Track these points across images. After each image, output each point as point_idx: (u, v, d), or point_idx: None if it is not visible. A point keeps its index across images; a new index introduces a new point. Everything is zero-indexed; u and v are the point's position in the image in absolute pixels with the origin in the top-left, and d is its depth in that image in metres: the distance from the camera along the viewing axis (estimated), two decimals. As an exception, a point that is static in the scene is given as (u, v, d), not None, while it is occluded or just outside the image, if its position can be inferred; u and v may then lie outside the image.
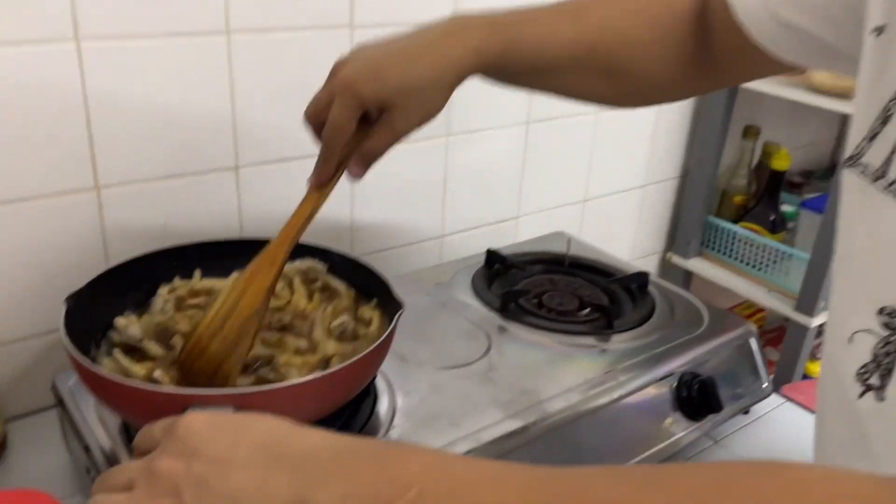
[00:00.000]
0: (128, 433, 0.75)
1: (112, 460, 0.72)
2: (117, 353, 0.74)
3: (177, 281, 0.84)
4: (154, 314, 0.80)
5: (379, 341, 0.69)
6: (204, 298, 0.83)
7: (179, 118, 0.91)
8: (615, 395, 0.87)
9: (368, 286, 0.86)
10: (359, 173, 0.70)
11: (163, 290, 0.82)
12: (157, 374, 0.70)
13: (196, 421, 0.44)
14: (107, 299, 0.79)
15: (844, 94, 1.34)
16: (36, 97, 0.81)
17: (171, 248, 0.85)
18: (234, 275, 0.87)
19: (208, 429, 0.44)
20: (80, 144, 0.85)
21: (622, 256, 1.40)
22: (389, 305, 0.79)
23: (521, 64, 0.70)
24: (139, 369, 0.72)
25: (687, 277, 1.69)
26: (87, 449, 0.74)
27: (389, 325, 0.74)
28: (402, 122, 0.66)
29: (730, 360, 1.00)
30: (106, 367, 0.73)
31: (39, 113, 0.81)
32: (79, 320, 0.73)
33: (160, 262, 0.84)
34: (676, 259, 1.67)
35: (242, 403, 0.61)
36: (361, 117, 0.66)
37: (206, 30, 0.89)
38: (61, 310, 0.72)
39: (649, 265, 1.68)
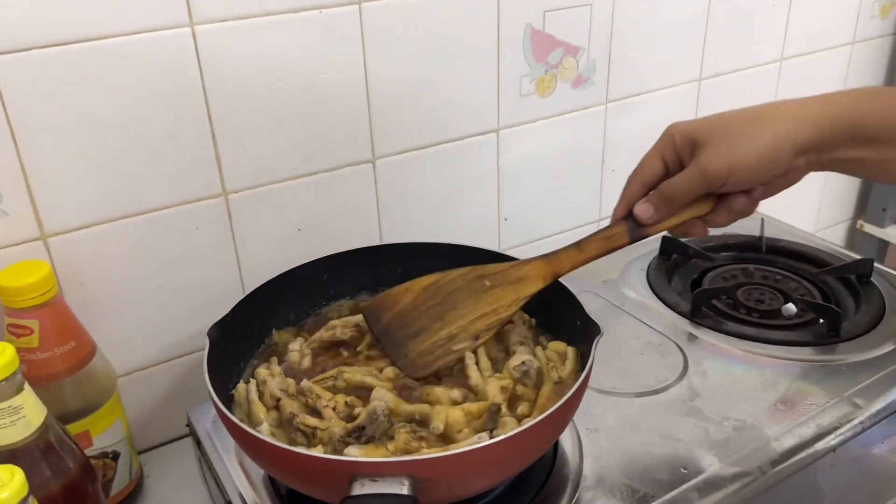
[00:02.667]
0: (273, 485, 0.64)
1: (257, 519, 0.62)
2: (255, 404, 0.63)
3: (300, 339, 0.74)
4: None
5: (577, 386, 0.54)
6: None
7: (307, 107, 0.78)
8: (855, 423, 0.69)
9: (543, 302, 0.71)
10: (644, 211, 0.61)
11: (294, 346, 0.71)
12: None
13: None
14: (252, 322, 0.70)
15: None
16: (154, 99, 0.70)
17: (317, 261, 0.76)
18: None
19: None
20: (203, 146, 0.74)
21: (805, 228, 1.19)
22: (574, 326, 0.65)
23: (868, 132, 0.55)
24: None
25: (882, 249, 1.44)
26: (228, 503, 0.64)
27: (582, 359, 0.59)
28: (707, 159, 0.57)
29: None
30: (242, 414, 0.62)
31: (155, 110, 0.71)
32: (224, 349, 0.64)
33: (307, 275, 0.74)
34: (869, 227, 1.42)
35: (422, 473, 0.49)
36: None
37: (332, 1, 0.76)
38: (204, 342, 0.62)
39: (835, 236, 1.45)
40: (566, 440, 0.67)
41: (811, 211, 1.38)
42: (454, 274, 0.66)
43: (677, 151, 0.60)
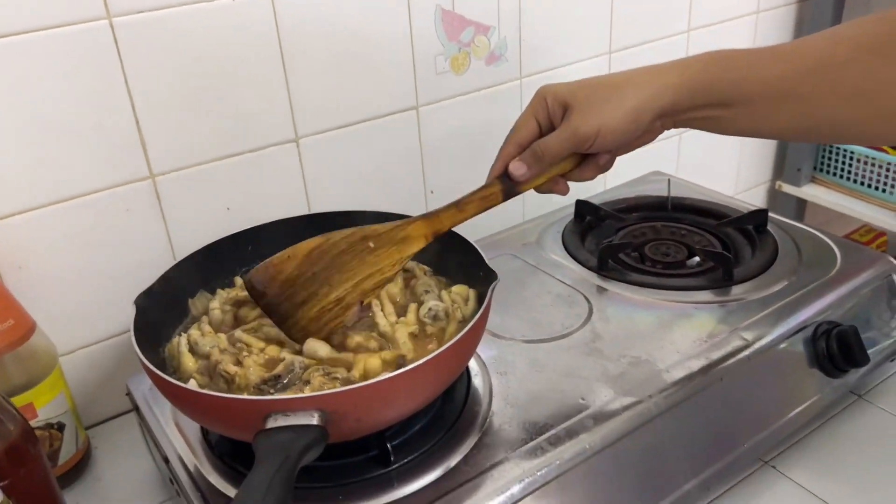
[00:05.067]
0: (208, 441, 0.69)
1: (192, 472, 0.66)
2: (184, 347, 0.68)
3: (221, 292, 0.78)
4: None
5: (472, 322, 0.60)
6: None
7: (225, 91, 0.83)
8: (742, 356, 0.75)
9: (448, 258, 0.77)
10: (517, 169, 0.66)
11: (214, 303, 0.75)
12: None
13: None
14: (180, 291, 0.75)
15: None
16: (78, 90, 0.74)
17: (241, 232, 0.79)
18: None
19: None
20: (128, 132, 0.79)
21: (724, 192, 1.26)
22: (478, 276, 0.71)
23: (719, 96, 0.62)
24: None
25: (800, 207, 1.53)
26: (165, 459, 0.69)
27: (482, 300, 0.65)
28: (578, 121, 0.64)
29: (870, 302, 0.87)
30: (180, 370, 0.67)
31: (80, 101, 0.75)
32: (153, 317, 0.69)
33: (231, 247, 0.78)
34: (787, 188, 1.50)
35: (330, 407, 0.54)
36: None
37: (246, -10, 0.81)
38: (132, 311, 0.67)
39: (756, 198, 1.53)
40: (478, 383, 0.73)
41: (730, 175, 1.46)
42: (337, 237, 0.67)
43: (549, 113, 0.66)
